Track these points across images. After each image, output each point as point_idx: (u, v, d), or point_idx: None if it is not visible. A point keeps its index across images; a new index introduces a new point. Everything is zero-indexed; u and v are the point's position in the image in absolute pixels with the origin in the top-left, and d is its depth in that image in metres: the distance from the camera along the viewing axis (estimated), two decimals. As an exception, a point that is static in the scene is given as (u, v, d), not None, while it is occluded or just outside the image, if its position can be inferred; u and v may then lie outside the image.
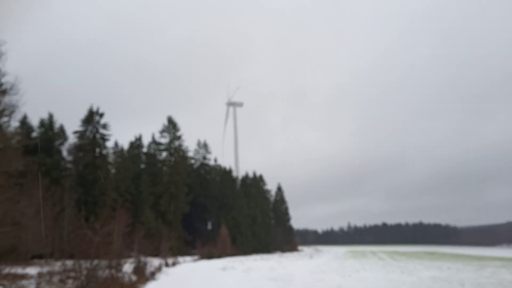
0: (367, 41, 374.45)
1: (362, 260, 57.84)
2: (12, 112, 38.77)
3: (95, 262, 17.64)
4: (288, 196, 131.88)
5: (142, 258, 31.79)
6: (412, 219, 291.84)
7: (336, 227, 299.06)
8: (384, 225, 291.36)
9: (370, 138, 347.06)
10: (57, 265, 22.70)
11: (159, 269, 35.24)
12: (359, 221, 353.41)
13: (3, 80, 27.18)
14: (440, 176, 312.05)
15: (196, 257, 65.75)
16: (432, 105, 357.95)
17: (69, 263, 19.33)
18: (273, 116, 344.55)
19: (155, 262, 37.70)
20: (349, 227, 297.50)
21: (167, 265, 42.66)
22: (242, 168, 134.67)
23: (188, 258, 62.01)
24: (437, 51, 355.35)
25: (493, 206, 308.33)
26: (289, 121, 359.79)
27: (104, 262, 19.15)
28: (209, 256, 64.00)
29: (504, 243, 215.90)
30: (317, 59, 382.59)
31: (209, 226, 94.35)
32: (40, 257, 43.06)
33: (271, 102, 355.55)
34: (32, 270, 26.10)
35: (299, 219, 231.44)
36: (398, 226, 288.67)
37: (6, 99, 31.25)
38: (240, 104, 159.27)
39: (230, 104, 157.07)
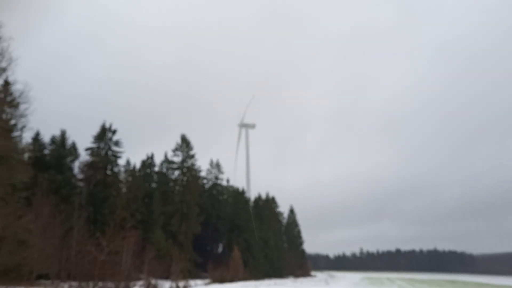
0: (416, 67, 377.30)
1: (382, 288, 54.89)
2: (23, 126, 37.71)
3: (100, 284, 15.79)
4: (300, 219, 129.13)
5: (152, 281, 29.86)
6: (427, 246, 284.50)
7: (348, 252, 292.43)
8: (398, 251, 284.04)
9: (401, 163, 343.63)
10: (62, 286, 20.96)
11: (169, 293, 33.17)
12: (372, 247, 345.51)
13: (13, 88, 26.12)
14: (462, 202, 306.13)
15: (207, 280, 63.33)
16: (472, 133, 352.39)
17: (76, 284, 17.57)
18: (312, 137, 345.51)
19: (165, 285, 35.68)
20: (361, 252, 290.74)
21: (178, 289, 40.53)
22: (256, 189, 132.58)
23: (199, 282, 59.62)
24: (481, 80, 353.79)
25: (510, 233, 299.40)
26: (326, 143, 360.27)
27: (110, 284, 17.30)
28: (221, 280, 61.58)
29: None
30: (366, 82, 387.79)
31: (220, 249, 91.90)
32: (47, 277, 41.28)
33: (313, 123, 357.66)
34: (34, 291, 24.37)
35: (310, 243, 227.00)
36: (412, 253, 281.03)
37: (17, 111, 30.17)
38: (253, 126, 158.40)
39: (243, 125, 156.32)
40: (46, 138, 61.13)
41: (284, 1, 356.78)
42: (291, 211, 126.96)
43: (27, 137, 47.16)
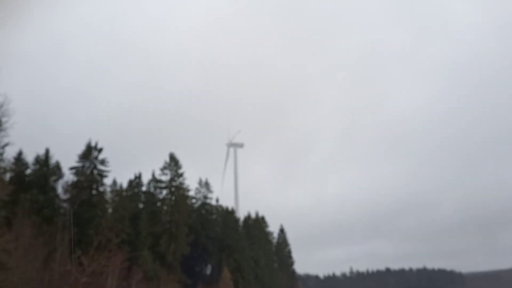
0: (422, 89, 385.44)
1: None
2: (6, 144, 36.22)
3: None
4: (293, 238, 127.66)
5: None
6: (416, 264, 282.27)
7: (338, 272, 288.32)
8: (388, 270, 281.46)
9: (402, 181, 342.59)
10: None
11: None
12: (362, 266, 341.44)
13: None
14: (455, 219, 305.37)
15: (196, 303, 61.29)
16: (472, 152, 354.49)
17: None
18: (315, 155, 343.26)
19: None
20: (351, 272, 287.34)
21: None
22: (245, 209, 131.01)
23: (188, 304, 57.58)
24: (484, 101, 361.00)
25: (500, 251, 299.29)
26: (329, 161, 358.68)
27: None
28: (211, 302, 59.61)
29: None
30: (374, 102, 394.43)
31: (209, 269, 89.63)
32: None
33: (317, 142, 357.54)
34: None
35: (301, 263, 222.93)
36: (401, 272, 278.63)
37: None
38: (241, 145, 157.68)
39: (231, 145, 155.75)
40: (29, 157, 59.34)
41: (303, 23, 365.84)
42: (281, 231, 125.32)
43: (8, 154, 45.48)
